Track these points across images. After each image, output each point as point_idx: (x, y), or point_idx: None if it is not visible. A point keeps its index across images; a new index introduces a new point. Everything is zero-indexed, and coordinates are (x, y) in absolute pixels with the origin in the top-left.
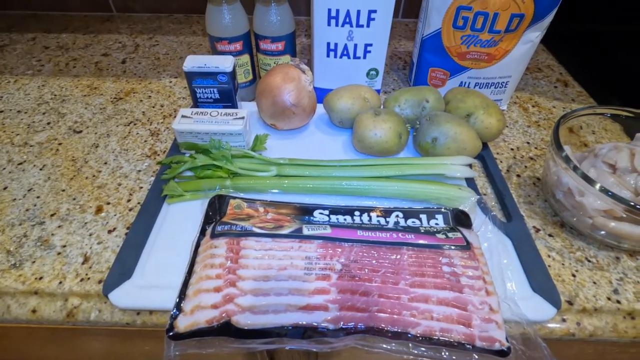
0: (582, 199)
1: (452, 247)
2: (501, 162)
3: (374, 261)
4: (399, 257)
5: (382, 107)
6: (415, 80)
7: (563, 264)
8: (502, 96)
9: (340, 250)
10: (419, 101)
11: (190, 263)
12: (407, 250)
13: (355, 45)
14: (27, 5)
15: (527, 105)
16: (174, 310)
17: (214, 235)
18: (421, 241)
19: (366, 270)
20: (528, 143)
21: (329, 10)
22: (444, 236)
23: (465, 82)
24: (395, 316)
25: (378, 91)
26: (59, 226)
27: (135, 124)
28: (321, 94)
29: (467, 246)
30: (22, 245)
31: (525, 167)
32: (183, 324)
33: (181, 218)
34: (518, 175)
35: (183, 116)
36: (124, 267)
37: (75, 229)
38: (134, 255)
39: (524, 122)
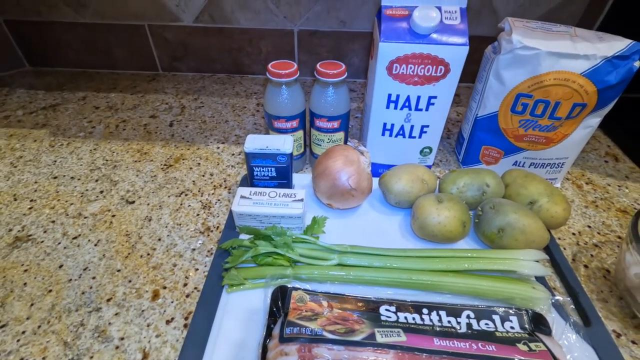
0: None
1: None
2: (565, 249)
3: None
4: None
5: (437, 188)
6: (465, 155)
7: None
8: (557, 175)
9: None
10: (479, 185)
11: None
12: None
13: (412, 127)
14: (77, 63)
15: (580, 182)
16: None
17: (283, 340)
18: (505, 356)
19: None
20: (589, 227)
21: (389, 95)
22: (526, 348)
23: (520, 162)
24: None
25: (429, 167)
26: (116, 314)
27: (186, 195)
28: (373, 169)
29: None
30: (79, 336)
31: (592, 255)
32: None
33: (243, 310)
34: (586, 266)
35: (242, 197)
36: None
37: (133, 317)
38: (196, 357)
39: (581, 202)
